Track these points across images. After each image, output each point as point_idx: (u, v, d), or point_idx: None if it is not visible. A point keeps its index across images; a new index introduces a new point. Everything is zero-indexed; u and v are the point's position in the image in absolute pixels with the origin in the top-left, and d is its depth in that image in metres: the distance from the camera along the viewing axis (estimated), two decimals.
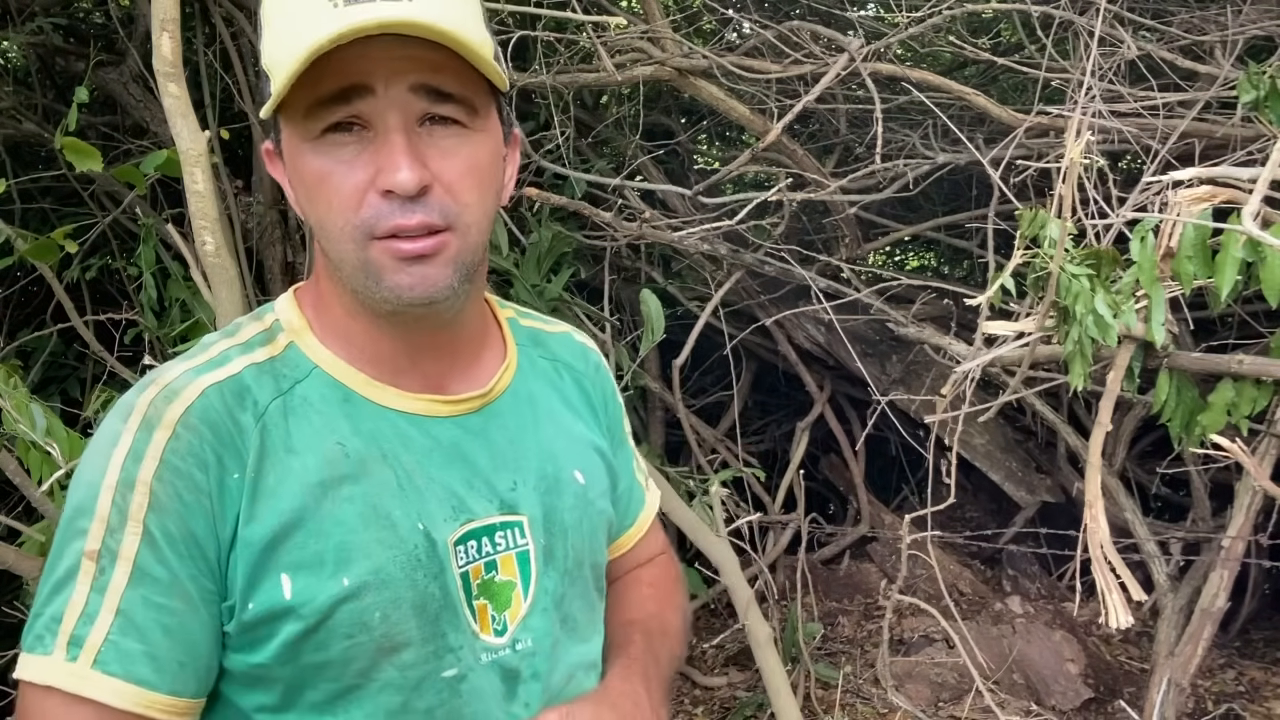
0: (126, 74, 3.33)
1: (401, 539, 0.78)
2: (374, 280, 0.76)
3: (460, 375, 0.87)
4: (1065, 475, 3.66)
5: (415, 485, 0.80)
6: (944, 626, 2.49)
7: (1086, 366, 1.80)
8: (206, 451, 0.74)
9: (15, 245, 2.12)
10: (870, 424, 3.04)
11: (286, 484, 0.75)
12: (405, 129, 0.74)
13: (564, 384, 0.98)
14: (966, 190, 3.92)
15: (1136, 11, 3.02)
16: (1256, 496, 2.45)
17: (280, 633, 0.74)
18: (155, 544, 0.71)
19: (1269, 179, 1.59)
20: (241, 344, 0.81)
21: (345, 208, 0.74)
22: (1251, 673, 3.22)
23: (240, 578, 0.74)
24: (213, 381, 0.77)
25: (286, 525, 0.74)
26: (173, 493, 0.72)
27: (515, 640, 0.84)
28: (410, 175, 0.72)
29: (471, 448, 0.85)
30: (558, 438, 0.92)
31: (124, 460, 0.72)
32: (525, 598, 0.85)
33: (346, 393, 0.81)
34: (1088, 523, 1.81)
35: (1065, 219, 1.73)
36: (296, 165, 0.76)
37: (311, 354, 0.82)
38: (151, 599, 0.71)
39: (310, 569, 0.75)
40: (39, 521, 1.85)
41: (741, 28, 3.97)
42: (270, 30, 0.75)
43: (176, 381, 0.76)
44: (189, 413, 0.74)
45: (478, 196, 0.78)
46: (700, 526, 2.49)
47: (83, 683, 0.69)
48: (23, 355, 3.13)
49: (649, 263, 3.79)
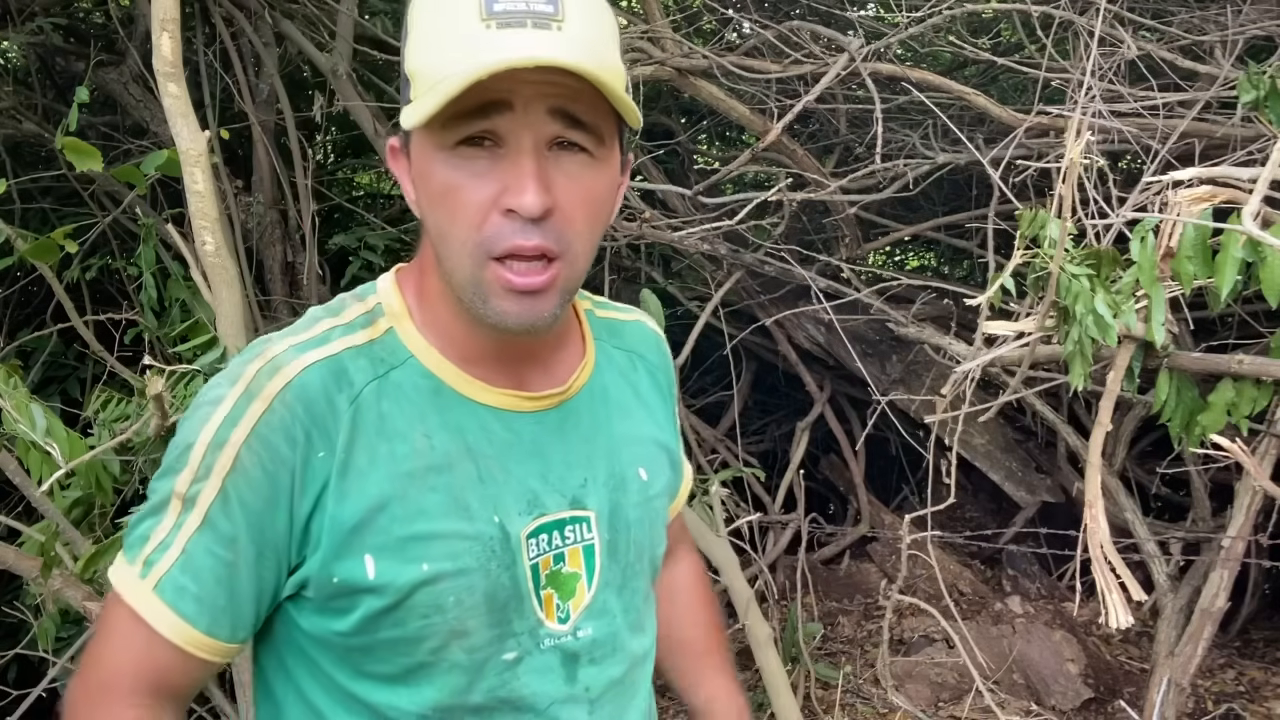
0: (126, 74, 3.33)
1: (479, 531, 0.83)
2: (481, 299, 0.79)
3: (541, 372, 0.90)
4: (1065, 475, 3.66)
5: (494, 478, 0.84)
6: (944, 626, 2.49)
7: (1086, 366, 1.80)
8: (297, 428, 0.79)
9: (15, 245, 2.12)
10: (870, 424, 3.04)
11: (376, 468, 0.80)
12: (536, 151, 0.75)
13: (637, 375, 1.01)
14: (966, 190, 3.92)
15: (1136, 11, 3.02)
16: (1256, 496, 2.45)
17: (360, 606, 0.80)
18: (228, 502, 0.78)
19: (1269, 179, 1.59)
20: (344, 324, 0.85)
21: (469, 223, 0.77)
22: (1251, 673, 3.22)
23: (325, 549, 0.80)
24: (313, 360, 0.81)
25: (373, 508, 0.80)
26: (256, 461, 0.78)
27: (577, 628, 0.89)
28: (535, 199, 0.75)
29: (548, 444, 0.89)
30: (627, 435, 0.96)
31: (221, 422, 0.78)
32: (589, 589, 0.90)
33: (437, 384, 0.84)
34: (1088, 523, 1.81)
35: (1065, 219, 1.73)
36: (426, 172, 0.78)
37: (409, 342, 0.85)
38: (212, 549, 0.79)
39: (393, 553, 0.80)
40: (39, 521, 1.85)
41: (741, 28, 3.97)
42: (417, 39, 0.77)
43: (281, 356, 0.81)
44: (287, 389, 0.79)
45: (589, 226, 0.80)
46: (700, 526, 2.49)
47: (142, 600, 0.80)
48: (23, 355, 3.13)
49: (649, 263, 3.79)
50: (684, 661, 1.16)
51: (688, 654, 1.15)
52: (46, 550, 1.68)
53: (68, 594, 1.70)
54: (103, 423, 1.84)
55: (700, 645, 1.16)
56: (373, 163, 4.12)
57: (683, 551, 1.19)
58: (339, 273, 3.47)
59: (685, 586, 1.17)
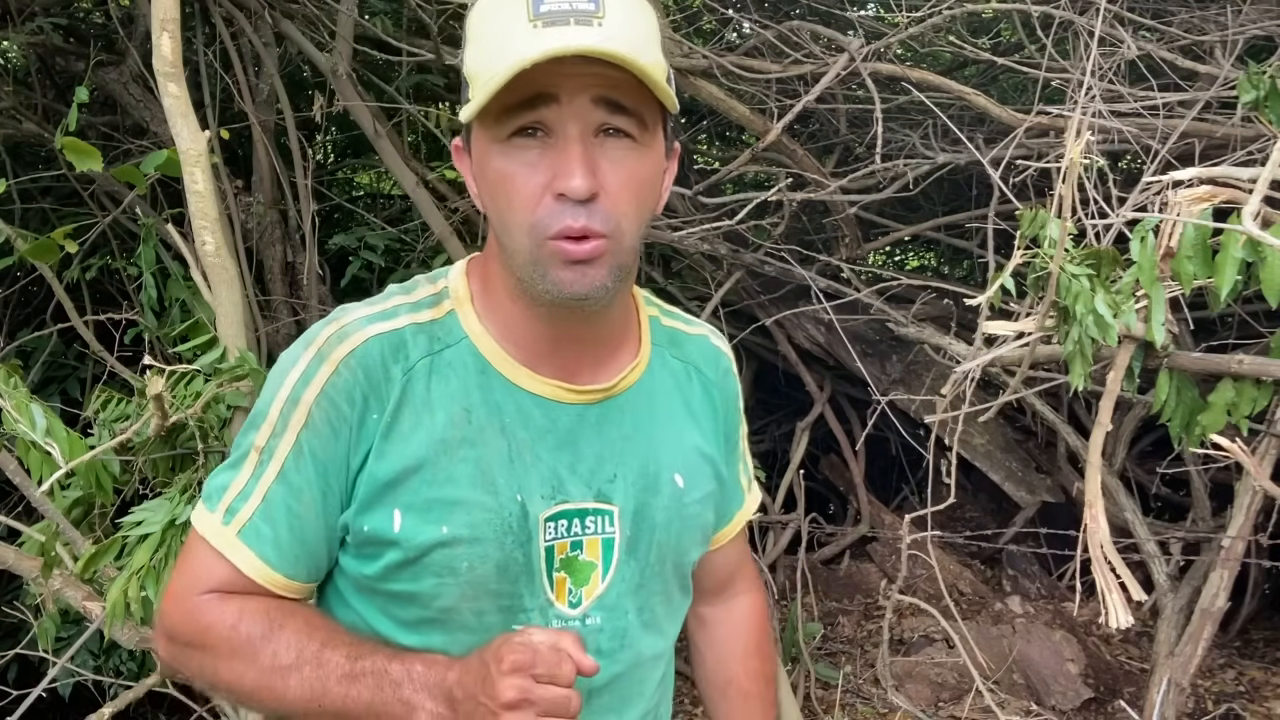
0: (126, 74, 3.33)
1: (500, 505, 0.89)
2: (540, 273, 0.84)
3: (591, 367, 0.95)
4: (1065, 475, 3.66)
5: (523, 460, 0.90)
6: (944, 626, 2.49)
7: (1086, 366, 1.80)
8: (356, 391, 0.87)
9: (15, 245, 2.12)
10: (870, 424, 3.04)
11: (417, 434, 0.88)
12: (583, 138, 0.81)
13: (690, 387, 1.04)
14: (966, 190, 3.92)
15: (1136, 11, 3.02)
16: (1256, 496, 2.45)
17: (384, 556, 0.88)
18: (301, 455, 0.88)
19: (1269, 179, 1.59)
20: (412, 303, 0.93)
21: (524, 207, 0.82)
22: (1251, 673, 3.22)
23: (360, 499, 0.88)
24: (378, 332, 0.89)
25: (408, 469, 0.87)
26: (324, 418, 0.87)
27: (586, 615, 0.93)
28: (582, 183, 0.80)
29: (584, 436, 0.93)
30: (668, 439, 0.99)
31: (295, 381, 0.88)
32: (603, 579, 0.94)
33: (484, 365, 0.91)
34: (1088, 523, 1.81)
35: (1065, 219, 1.73)
36: (484, 164, 0.85)
37: (467, 325, 0.92)
38: (287, 499, 0.88)
39: (418, 512, 0.87)
40: (39, 521, 1.84)
41: (741, 28, 3.97)
42: (474, 45, 0.84)
43: (350, 325, 0.90)
44: (351, 355, 0.88)
45: (636, 207, 0.85)
46: None
47: (227, 543, 0.89)
48: (23, 355, 3.14)
49: (649, 263, 3.79)
50: (726, 705, 1.16)
51: (733, 697, 1.15)
52: (46, 550, 1.68)
53: (68, 594, 1.70)
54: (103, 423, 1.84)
55: (745, 690, 1.15)
56: (373, 163, 4.12)
57: (744, 587, 1.19)
58: (339, 273, 3.47)
59: (743, 629, 1.17)
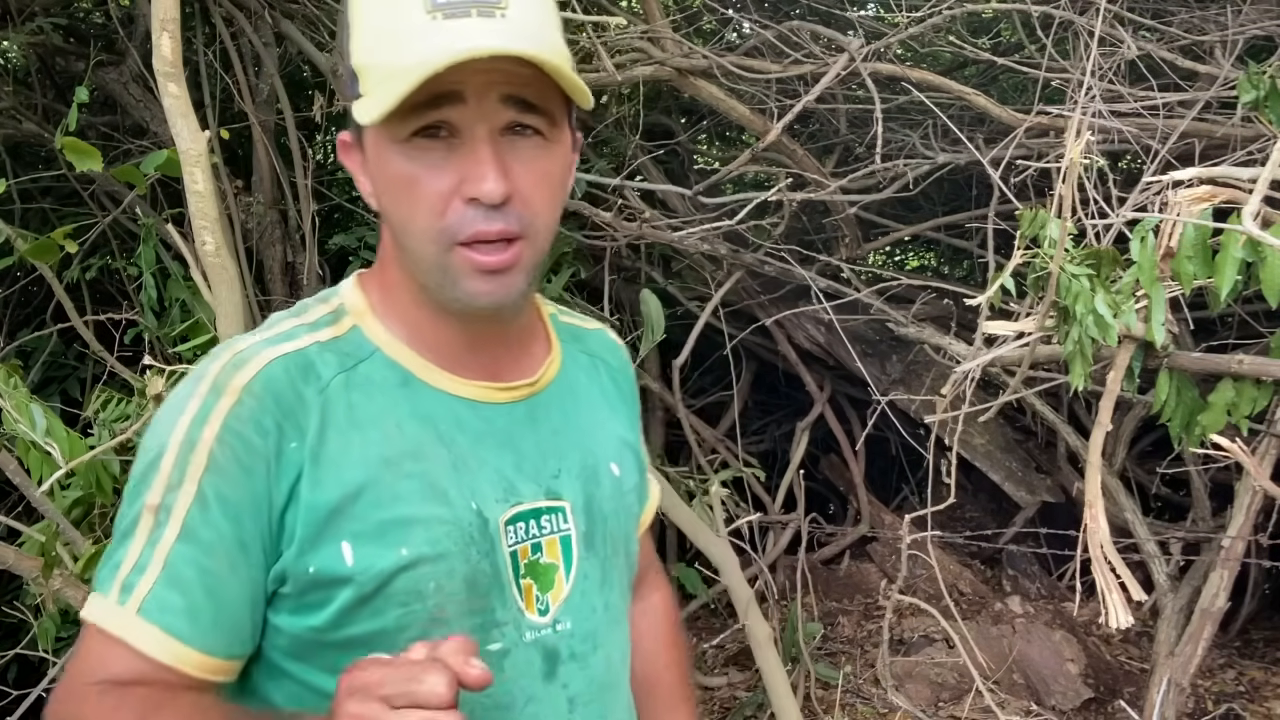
0: (126, 74, 3.33)
1: (457, 516, 0.82)
2: (450, 283, 0.80)
3: (512, 365, 0.90)
4: (1065, 475, 3.65)
5: (469, 466, 0.84)
6: (944, 626, 2.49)
7: (1086, 366, 1.80)
8: (266, 418, 0.77)
9: (15, 245, 2.12)
10: (870, 424, 3.04)
11: (349, 455, 0.79)
12: (491, 138, 0.76)
13: (601, 378, 1.02)
14: (966, 190, 3.92)
15: (1136, 11, 3.02)
16: (1256, 496, 2.45)
17: (337, 598, 0.78)
18: (207, 504, 0.75)
19: (1269, 179, 1.59)
20: (310, 323, 0.85)
21: (430, 212, 0.77)
22: (1251, 673, 3.22)
23: (299, 538, 0.78)
24: (280, 354, 0.80)
25: (350, 495, 0.78)
26: (230, 455, 0.76)
27: (556, 621, 0.87)
28: (496, 186, 0.76)
29: (520, 434, 0.88)
30: (596, 430, 0.96)
31: (189, 423, 0.77)
32: (567, 580, 0.89)
33: (406, 375, 0.84)
34: (1088, 523, 1.81)
35: (1065, 219, 1.73)
36: (382, 165, 0.79)
37: (374, 336, 0.85)
38: (197, 558, 0.75)
39: (371, 538, 0.78)
40: (39, 521, 1.84)
41: (741, 28, 3.97)
42: (363, 34, 0.77)
43: (246, 351, 0.80)
44: (254, 381, 0.78)
45: (549, 205, 0.82)
46: (700, 526, 2.49)
47: (126, 627, 0.75)
48: (23, 355, 3.14)
49: (649, 263, 3.79)
50: (653, 701, 1.12)
51: (657, 694, 1.13)
52: (46, 550, 1.68)
53: (68, 594, 1.70)
54: (103, 423, 1.84)
55: (668, 687, 1.13)
56: None
57: (655, 580, 1.17)
58: (339, 273, 3.47)
59: (658, 623, 1.15)
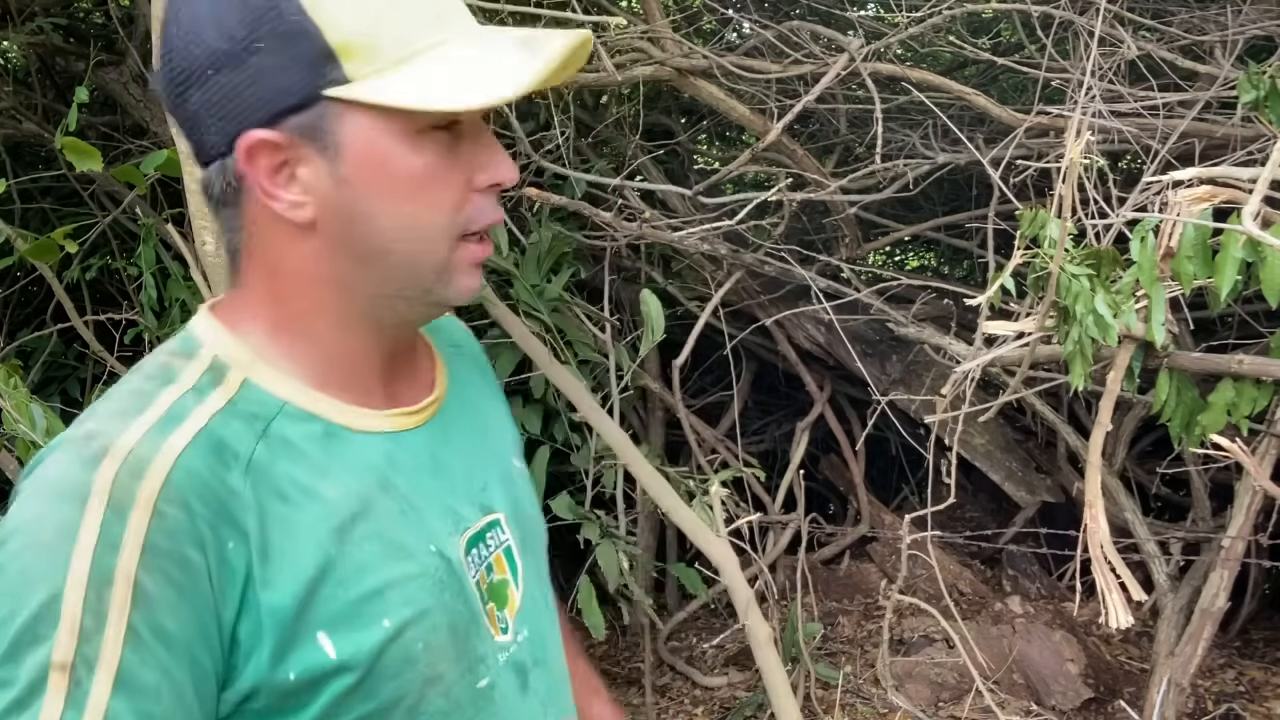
0: (126, 74, 3.33)
1: (423, 565, 0.75)
2: (445, 280, 0.75)
3: (413, 381, 0.84)
4: (1065, 475, 3.66)
5: (415, 507, 0.77)
6: (944, 626, 2.49)
7: (1086, 366, 1.80)
8: (201, 527, 0.64)
9: (15, 245, 2.12)
10: (870, 424, 3.04)
11: (297, 539, 0.69)
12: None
13: (472, 368, 0.96)
14: (966, 190, 3.92)
15: (1136, 11, 3.02)
16: (1256, 496, 2.45)
17: (325, 691, 0.69)
18: (142, 644, 0.61)
19: (1269, 179, 1.59)
20: (192, 389, 0.70)
21: (453, 206, 0.73)
22: (1251, 673, 3.22)
23: (268, 647, 0.67)
24: (184, 443, 0.66)
25: (311, 582, 0.68)
26: (163, 581, 0.62)
27: (517, 633, 0.84)
28: (514, 169, 0.74)
29: (444, 455, 0.83)
30: (494, 427, 0.93)
31: (94, 552, 0.60)
32: (518, 591, 0.86)
33: (325, 425, 0.74)
34: (1088, 523, 1.81)
35: (1065, 219, 1.73)
36: (386, 162, 0.70)
37: (273, 387, 0.73)
38: (142, 708, 0.60)
39: (348, 621, 0.70)
40: None
41: (741, 28, 3.97)
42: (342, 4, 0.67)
43: (140, 448, 0.64)
44: (170, 486, 0.63)
45: None
46: (700, 526, 2.49)
47: None
48: (23, 355, 3.14)
49: (649, 263, 3.78)
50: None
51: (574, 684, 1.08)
52: None
53: None
54: None
55: (583, 676, 1.10)
56: None
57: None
58: None
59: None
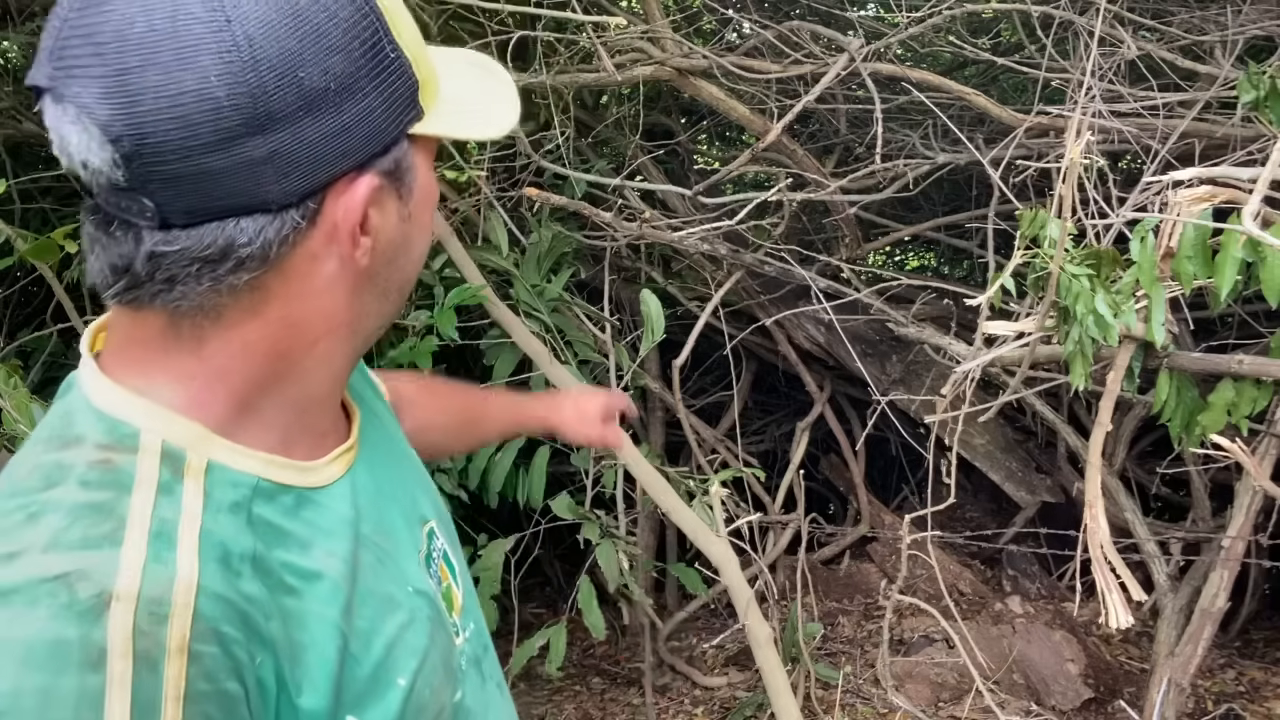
0: None
1: (412, 613, 0.74)
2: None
3: (335, 412, 0.78)
4: (1065, 475, 3.66)
5: (385, 551, 0.75)
6: (944, 626, 2.49)
7: (1087, 366, 1.80)
8: (236, 654, 0.59)
9: (15, 245, 2.12)
10: (870, 424, 3.04)
11: (313, 632, 0.66)
12: None
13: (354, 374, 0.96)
14: (966, 190, 3.93)
15: (1136, 11, 3.02)
16: (1256, 496, 2.45)
17: None
18: None
19: (1269, 179, 1.59)
20: (159, 487, 0.61)
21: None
22: (1251, 673, 3.22)
23: None
24: (192, 563, 0.59)
25: (336, 672, 0.66)
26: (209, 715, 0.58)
27: (465, 630, 0.86)
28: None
29: (383, 479, 0.80)
30: (389, 426, 0.91)
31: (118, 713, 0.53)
32: (458, 588, 0.88)
33: (296, 494, 0.69)
34: (1088, 523, 1.81)
35: (1065, 219, 1.73)
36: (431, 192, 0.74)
37: (239, 464, 0.66)
38: None
39: (370, 695, 0.69)
40: None
41: (741, 28, 3.97)
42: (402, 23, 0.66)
43: (149, 587, 0.56)
44: (200, 621, 0.57)
45: None
46: (700, 526, 2.49)
47: None
48: (23, 355, 3.14)
49: (649, 263, 3.79)
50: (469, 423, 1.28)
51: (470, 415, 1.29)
52: None
53: None
54: None
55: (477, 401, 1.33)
56: None
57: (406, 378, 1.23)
58: None
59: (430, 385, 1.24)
